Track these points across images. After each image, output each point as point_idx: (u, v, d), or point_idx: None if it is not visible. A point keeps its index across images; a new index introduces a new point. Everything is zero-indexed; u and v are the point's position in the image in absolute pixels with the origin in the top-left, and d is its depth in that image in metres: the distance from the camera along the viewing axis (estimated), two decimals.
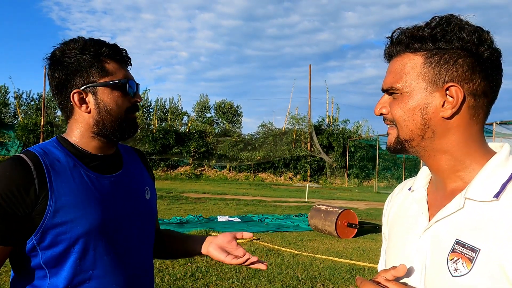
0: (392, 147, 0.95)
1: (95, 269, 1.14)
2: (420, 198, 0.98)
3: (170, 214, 10.24)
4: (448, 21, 0.86)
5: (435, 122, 0.87)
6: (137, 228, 1.26)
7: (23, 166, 1.08)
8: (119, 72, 1.21)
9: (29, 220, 1.07)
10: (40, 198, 1.07)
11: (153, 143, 28.19)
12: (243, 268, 5.46)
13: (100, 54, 1.19)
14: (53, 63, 1.20)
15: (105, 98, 1.19)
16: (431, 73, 0.87)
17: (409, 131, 0.90)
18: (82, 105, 1.19)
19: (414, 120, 0.89)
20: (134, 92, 1.24)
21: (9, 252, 1.10)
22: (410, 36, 0.88)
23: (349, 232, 8.14)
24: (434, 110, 0.87)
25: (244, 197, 15.67)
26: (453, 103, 0.85)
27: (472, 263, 0.80)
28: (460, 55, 0.85)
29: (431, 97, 0.87)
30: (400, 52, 0.91)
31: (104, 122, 1.19)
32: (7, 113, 31.58)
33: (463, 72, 0.85)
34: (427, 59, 0.87)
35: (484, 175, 0.85)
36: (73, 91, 1.18)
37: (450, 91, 0.85)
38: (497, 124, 14.53)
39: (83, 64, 1.17)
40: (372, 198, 17.95)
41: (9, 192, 1.05)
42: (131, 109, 1.24)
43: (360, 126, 31.37)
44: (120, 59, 1.23)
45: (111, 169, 1.24)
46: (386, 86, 0.93)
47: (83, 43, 1.19)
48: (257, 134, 31.76)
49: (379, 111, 0.95)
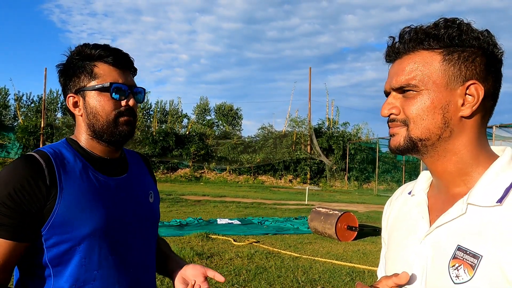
0: (401, 147, 0.89)
1: (100, 269, 1.15)
2: (420, 202, 0.96)
3: (170, 217, 10.22)
4: (458, 22, 0.85)
5: (454, 121, 0.85)
6: (141, 230, 1.28)
7: (35, 163, 1.10)
8: (108, 76, 1.20)
9: (39, 216, 1.09)
10: (50, 196, 1.10)
11: (153, 146, 28.20)
12: (243, 271, 5.45)
13: (92, 58, 1.21)
14: (59, 70, 1.26)
15: (92, 102, 1.21)
16: (451, 70, 0.84)
17: (426, 130, 0.86)
18: (75, 108, 1.23)
19: (434, 118, 0.85)
20: (124, 96, 1.22)
21: (24, 249, 1.10)
22: (424, 33, 0.86)
23: (349, 235, 8.12)
24: (455, 108, 0.84)
25: (244, 200, 15.65)
26: (474, 101, 0.83)
27: (474, 270, 0.78)
28: (478, 53, 0.84)
29: (452, 95, 0.84)
30: (412, 50, 0.88)
31: (93, 125, 1.21)
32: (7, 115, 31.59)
33: (481, 71, 0.84)
34: (445, 56, 0.85)
35: (486, 180, 0.84)
36: (68, 95, 1.23)
37: (470, 89, 0.84)
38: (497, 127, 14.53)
39: (76, 69, 1.22)
40: (372, 201, 17.93)
41: (22, 188, 1.07)
42: (121, 113, 1.22)
43: (360, 128, 31.43)
44: (113, 63, 1.22)
45: (117, 171, 1.27)
46: (399, 83, 0.88)
47: (79, 48, 1.23)
48: (257, 136, 31.78)
49: (389, 111, 0.90)
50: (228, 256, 6.29)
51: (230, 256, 6.33)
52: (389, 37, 0.91)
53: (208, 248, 6.80)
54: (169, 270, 1.37)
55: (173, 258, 1.42)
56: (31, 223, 1.09)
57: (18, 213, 1.07)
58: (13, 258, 1.09)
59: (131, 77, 1.27)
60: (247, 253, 6.50)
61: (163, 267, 1.41)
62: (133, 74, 1.29)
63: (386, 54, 0.93)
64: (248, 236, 8.16)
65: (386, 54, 0.93)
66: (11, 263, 1.09)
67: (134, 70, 1.29)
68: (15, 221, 1.07)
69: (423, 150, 0.89)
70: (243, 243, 7.32)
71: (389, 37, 0.91)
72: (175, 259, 1.41)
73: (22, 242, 1.09)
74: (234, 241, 7.39)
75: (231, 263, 5.93)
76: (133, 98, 1.24)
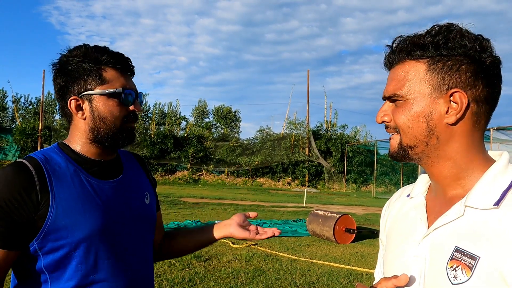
0: (395, 153, 0.94)
1: (96, 274, 1.15)
2: (418, 205, 0.98)
3: (168, 219, 10.21)
4: (448, 29, 0.86)
5: (440, 129, 0.87)
6: (137, 233, 1.27)
7: (25, 171, 1.09)
8: (117, 81, 1.21)
9: (31, 224, 1.08)
10: (41, 203, 1.09)
11: (151, 148, 28.18)
12: (241, 274, 5.45)
13: (100, 62, 1.20)
14: (56, 69, 1.23)
15: (100, 107, 1.20)
16: (435, 80, 0.87)
17: (413, 138, 0.89)
18: (78, 112, 1.21)
19: (418, 126, 0.88)
20: (132, 101, 1.23)
21: (16, 257, 1.10)
22: (411, 43, 0.88)
23: (347, 238, 8.12)
24: (439, 116, 0.87)
25: (242, 202, 15.64)
26: (458, 109, 0.85)
27: (471, 271, 0.80)
28: (463, 61, 0.85)
29: (436, 104, 0.87)
30: (401, 60, 0.91)
31: (98, 130, 1.20)
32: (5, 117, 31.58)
33: (467, 79, 0.85)
34: (430, 65, 0.87)
35: (484, 183, 0.86)
36: (71, 98, 1.20)
37: (454, 97, 0.85)
38: (494, 130, 14.57)
39: (82, 71, 1.19)
40: (370, 203, 17.95)
41: (12, 197, 1.06)
42: (128, 118, 1.23)
43: (358, 131, 31.48)
44: (121, 68, 1.23)
45: (111, 174, 1.26)
46: (389, 93, 0.92)
47: (85, 50, 1.21)
48: (256, 139, 31.81)
49: (381, 118, 0.94)
50: (226, 259, 6.29)
51: (228, 258, 6.32)
52: (386, 45, 0.94)
53: (206, 250, 6.78)
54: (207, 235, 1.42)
55: (201, 226, 1.50)
56: (22, 231, 1.08)
57: (8, 222, 1.06)
58: (4, 266, 1.08)
59: (133, 82, 1.28)
60: (245, 256, 6.49)
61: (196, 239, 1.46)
62: (132, 77, 1.30)
63: (384, 62, 0.96)
64: None
65: (384, 62, 0.96)
66: (2, 271, 1.08)
67: (133, 74, 1.30)
68: (5, 229, 1.06)
69: (415, 157, 0.92)
70: (241, 246, 7.31)
71: (386, 45, 0.94)
72: (205, 226, 1.48)
73: (12, 250, 1.08)
74: (232, 244, 7.38)
75: (229, 266, 5.92)
76: (138, 104, 1.26)
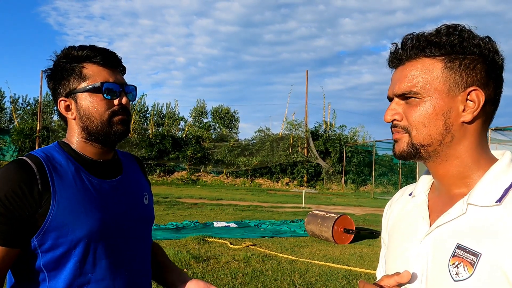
0: (404, 153, 0.92)
1: (94, 273, 1.14)
2: (421, 203, 0.98)
3: (166, 220, 10.19)
4: (461, 29, 0.87)
5: (456, 127, 0.87)
6: (136, 233, 1.27)
7: (27, 168, 1.09)
8: (98, 76, 1.19)
9: (32, 221, 1.08)
10: (43, 200, 1.08)
11: (149, 148, 28.14)
12: (239, 274, 5.44)
13: (80, 59, 1.19)
14: (47, 75, 1.24)
15: (84, 103, 1.19)
16: (452, 78, 0.86)
17: (428, 137, 0.88)
18: (68, 112, 1.22)
19: (436, 125, 0.87)
20: (116, 95, 1.21)
21: (16, 256, 1.10)
22: (426, 41, 0.88)
23: (346, 238, 8.12)
24: (456, 114, 0.87)
25: (240, 203, 15.63)
26: (474, 107, 0.86)
27: (473, 268, 0.81)
28: (478, 61, 0.86)
29: (453, 102, 0.87)
30: (414, 57, 0.90)
31: (87, 127, 1.20)
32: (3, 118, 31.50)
33: (482, 77, 0.86)
34: (446, 64, 0.87)
35: (486, 181, 0.86)
36: (59, 99, 1.22)
37: (471, 95, 0.86)
38: (492, 130, 14.60)
39: (64, 72, 1.20)
40: (368, 203, 17.96)
41: (14, 194, 1.06)
42: (115, 112, 1.21)
43: (356, 131, 31.44)
44: (102, 62, 1.20)
45: (111, 174, 1.26)
46: (402, 90, 0.90)
47: (66, 51, 1.21)
48: (254, 139, 31.77)
49: (392, 117, 0.92)
50: (225, 259, 6.28)
51: (227, 259, 6.31)
52: (392, 43, 0.93)
53: (205, 251, 6.78)
54: (169, 283, 1.35)
55: (174, 269, 1.40)
56: (23, 229, 1.07)
57: (10, 219, 1.05)
58: (5, 264, 1.08)
59: (121, 76, 1.26)
60: (244, 256, 6.48)
61: (161, 277, 1.39)
62: (123, 72, 1.28)
63: (389, 60, 0.95)
64: (245, 239, 8.15)
65: (389, 60, 0.95)
66: (3, 269, 1.08)
67: (123, 69, 1.27)
68: (7, 227, 1.06)
69: (425, 156, 0.91)
70: (240, 246, 7.31)
71: (392, 43, 0.93)
72: (176, 271, 1.39)
73: (14, 248, 1.07)
74: (231, 244, 7.38)
75: (227, 266, 5.91)
76: (125, 97, 1.23)
